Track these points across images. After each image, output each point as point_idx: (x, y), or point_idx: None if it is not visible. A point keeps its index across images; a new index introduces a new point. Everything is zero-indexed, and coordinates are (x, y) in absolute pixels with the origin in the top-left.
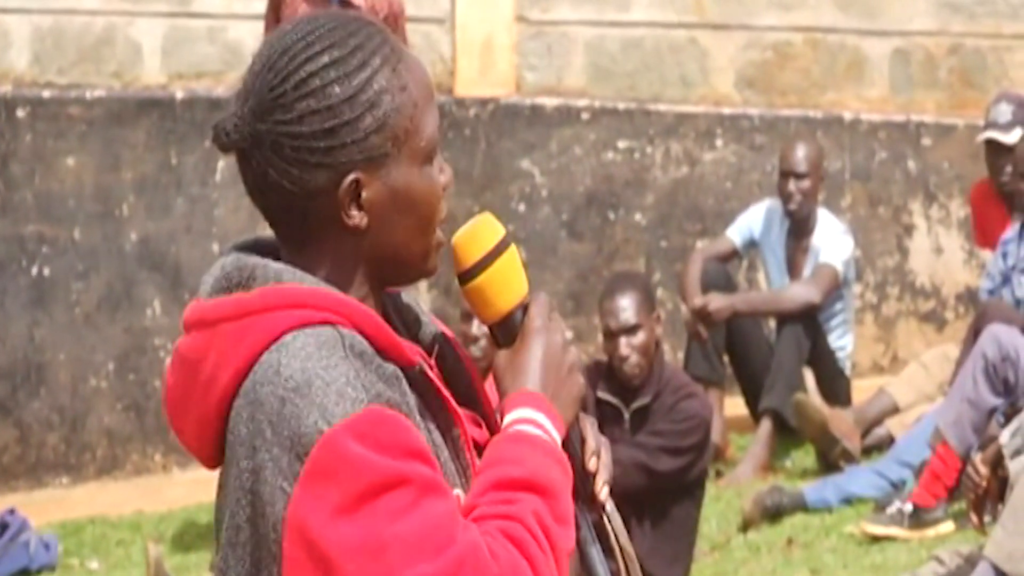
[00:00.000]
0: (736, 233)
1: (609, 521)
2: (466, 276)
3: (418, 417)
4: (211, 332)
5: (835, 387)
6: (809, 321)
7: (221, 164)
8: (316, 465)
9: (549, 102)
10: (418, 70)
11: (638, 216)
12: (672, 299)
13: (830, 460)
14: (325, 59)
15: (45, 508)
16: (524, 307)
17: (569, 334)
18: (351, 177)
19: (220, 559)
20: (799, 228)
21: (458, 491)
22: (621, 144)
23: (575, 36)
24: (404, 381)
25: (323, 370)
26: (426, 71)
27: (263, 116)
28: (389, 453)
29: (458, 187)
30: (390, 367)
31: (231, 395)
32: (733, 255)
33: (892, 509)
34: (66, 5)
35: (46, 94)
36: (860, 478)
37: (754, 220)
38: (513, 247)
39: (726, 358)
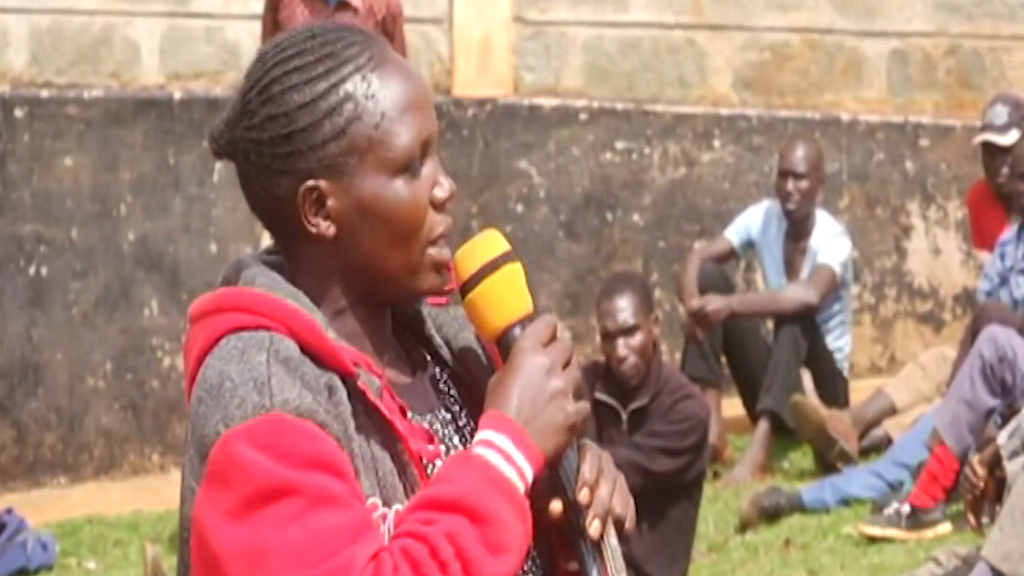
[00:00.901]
0: (734, 234)
1: (604, 558)
2: (462, 290)
3: (352, 427)
4: (192, 328)
5: (833, 388)
6: (807, 322)
7: (219, 164)
8: (212, 467)
9: (547, 102)
10: (399, 80)
11: (636, 217)
12: (670, 300)
13: (828, 461)
14: (290, 66)
15: (42, 508)
16: (523, 328)
17: (567, 360)
18: (308, 184)
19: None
20: (797, 229)
21: (397, 506)
22: (619, 145)
23: (573, 36)
24: (342, 391)
25: (236, 374)
26: (414, 82)
27: (236, 123)
28: (284, 461)
29: (456, 188)
30: (324, 375)
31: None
32: (731, 256)
33: (890, 510)
34: (64, 5)
35: (44, 94)
36: (858, 479)
37: (752, 221)
38: (515, 265)
39: (724, 359)
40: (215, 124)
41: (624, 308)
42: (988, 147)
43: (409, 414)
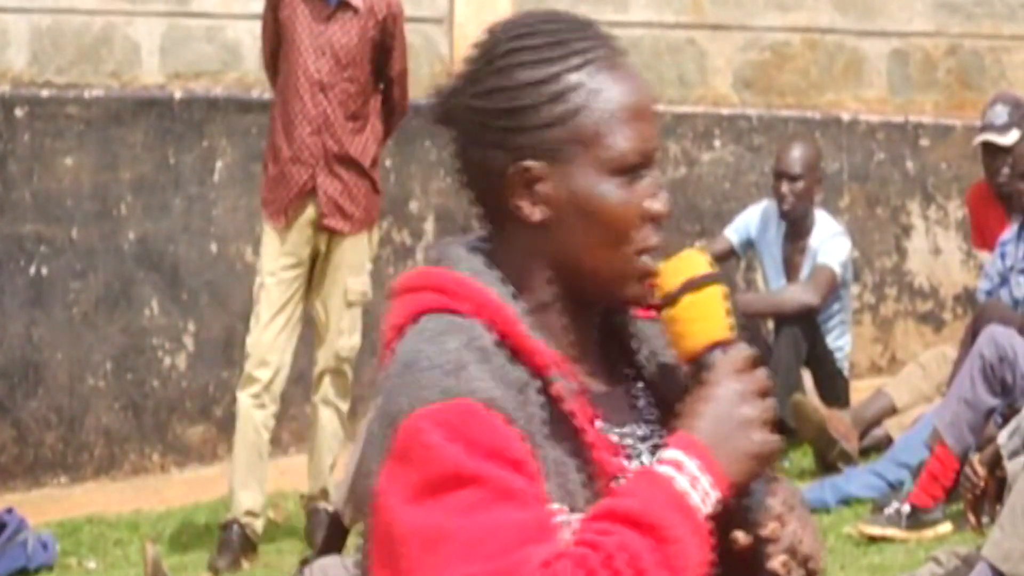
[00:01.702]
0: (733, 233)
1: None
2: (662, 305)
3: (542, 428)
4: (392, 303)
5: (833, 388)
6: (807, 322)
7: (219, 164)
8: (398, 445)
9: None
10: (627, 85)
11: None
12: None
13: (828, 461)
14: (524, 43)
15: (43, 507)
16: (721, 352)
17: (762, 391)
18: (522, 164)
19: None
20: (796, 229)
21: (580, 515)
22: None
23: None
24: (535, 390)
25: (430, 355)
26: (642, 91)
27: (460, 90)
28: (469, 449)
29: (456, 187)
30: (518, 371)
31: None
32: (730, 255)
33: (890, 510)
34: (64, 4)
35: (44, 93)
36: (858, 479)
37: (751, 220)
38: (718, 288)
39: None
40: (440, 90)
41: None
42: (988, 147)
43: (601, 424)
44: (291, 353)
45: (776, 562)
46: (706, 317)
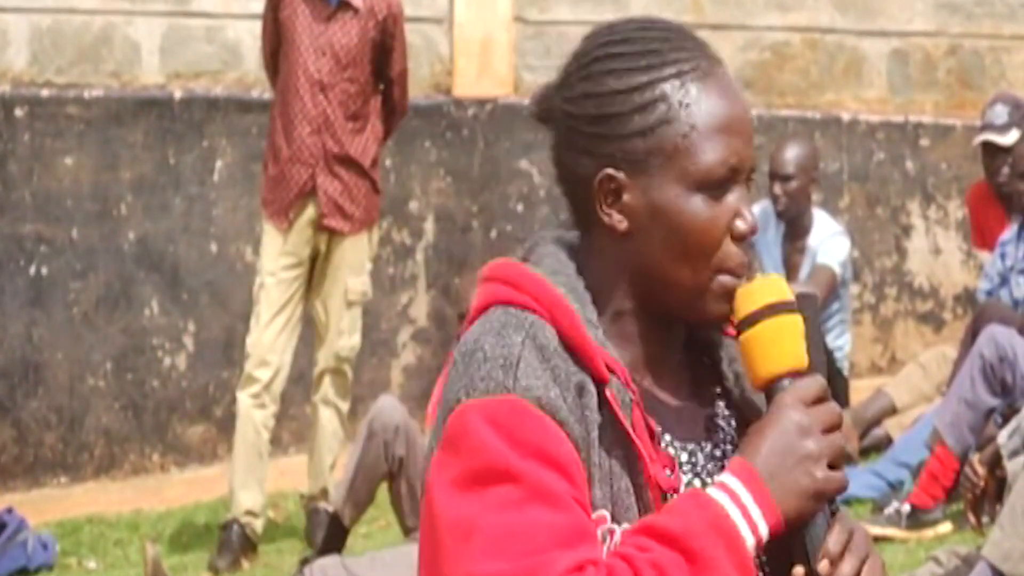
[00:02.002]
0: None
1: None
2: (738, 328)
3: (595, 434)
4: (477, 287)
5: (833, 388)
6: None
7: (219, 164)
8: (448, 432)
9: None
10: (719, 98)
11: None
12: None
13: None
14: (616, 50)
15: (43, 507)
16: (792, 382)
17: (830, 426)
18: (607, 172)
19: None
20: (794, 229)
21: (626, 525)
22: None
23: (573, 36)
24: (593, 395)
25: (490, 346)
26: (735, 106)
27: (556, 90)
28: (513, 445)
29: (456, 187)
30: (577, 374)
31: None
32: None
33: (890, 510)
34: (64, 4)
35: (44, 93)
36: (858, 479)
37: None
38: (795, 317)
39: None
40: (540, 88)
41: None
42: (988, 147)
43: (666, 436)
44: (291, 353)
45: None
46: (781, 344)
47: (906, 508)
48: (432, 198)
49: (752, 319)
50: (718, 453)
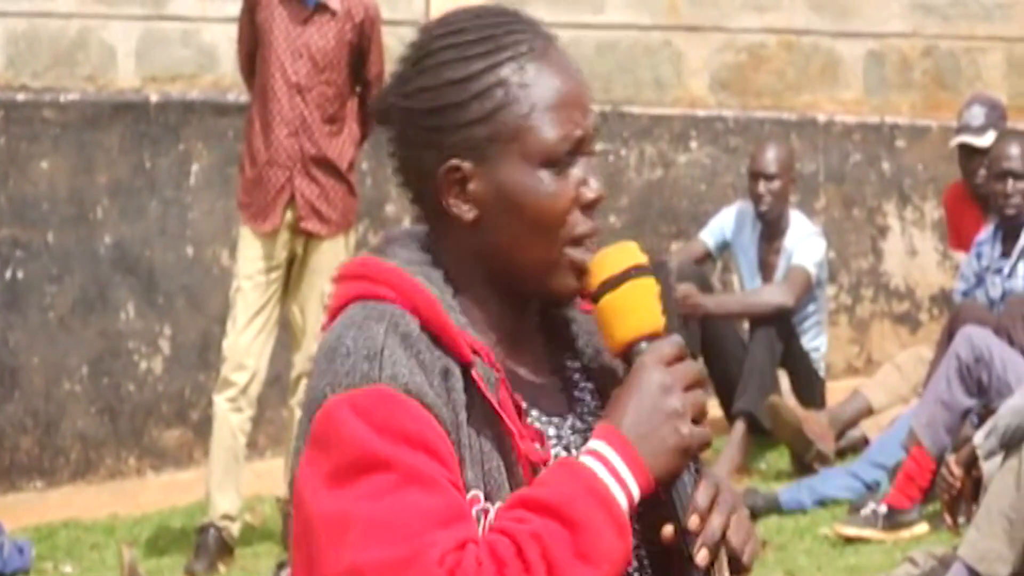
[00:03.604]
0: (708, 236)
1: None
2: (594, 297)
3: (463, 416)
4: (332, 290)
5: (809, 389)
6: (782, 323)
7: (195, 167)
8: (315, 430)
9: None
10: (556, 75)
11: (613, 218)
12: None
13: (804, 462)
14: (449, 41)
15: (18, 512)
16: (650, 343)
17: (691, 383)
18: (451, 163)
19: None
20: (771, 230)
21: (500, 503)
22: (596, 146)
23: None
24: (458, 378)
25: (351, 340)
26: (572, 79)
27: (392, 90)
28: (382, 434)
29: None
30: (441, 358)
31: None
32: (706, 258)
33: (866, 511)
34: (40, 8)
35: (20, 97)
36: (834, 480)
37: (725, 223)
38: (648, 280)
39: (700, 360)
40: (380, 90)
41: None
42: (965, 149)
43: (533, 412)
44: (268, 357)
45: (699, 556)
46: (638, 308)
47: (883, 509)
48: (408, 201)
49: (608, 285)
50: (582, 425)
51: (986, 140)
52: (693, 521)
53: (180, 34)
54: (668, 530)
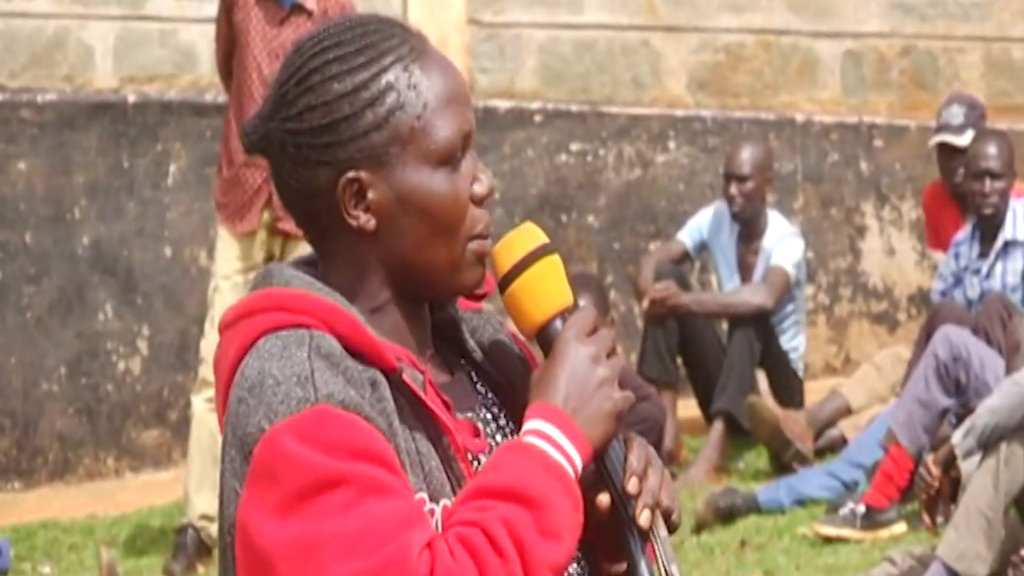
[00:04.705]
0: (686, 236)
1: (657, 547)
2: (502, 283)
3: (396, 423)
4: (224, 335)
5: (788, 388)
6: (761, 323)
7: (173, 168)
8: (257, 464)
9: (502, 104)
10: (440, 72)
11: (591, 218)
12: (625, 301)
13: (783, 461)
14: (330, 55)
15: None
16: (564, 319)
17: (610, 349)
18: (349, 175)
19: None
20: (749, 230)
21: (445, 501)
22: (574, 146)
23: (528, 38)
24: (385, 386)
25: (277, 370)
26: (454, 75)
27: (273, 115)
28: (331, 453)
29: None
30: (366, 371)
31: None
32: (685, 258)
33: (845, 510)
34: (17, 8)
35: None
36: (813, 479)
37: (703, 223)
38: (554, 257)
39: (679, 360)
40: (249, 120)
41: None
42: (944, 148)
43: (457, 409)
44: None
45: (642, 517)
46: (548, 286)
47: (861, 508)
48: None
49: (516, 270)
50: (490, 416)
51: (965, 139)
52: (632, 484)
53: (158, 34)
54: (604, 499)
